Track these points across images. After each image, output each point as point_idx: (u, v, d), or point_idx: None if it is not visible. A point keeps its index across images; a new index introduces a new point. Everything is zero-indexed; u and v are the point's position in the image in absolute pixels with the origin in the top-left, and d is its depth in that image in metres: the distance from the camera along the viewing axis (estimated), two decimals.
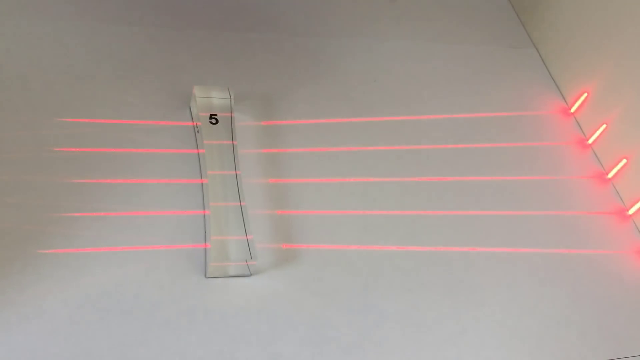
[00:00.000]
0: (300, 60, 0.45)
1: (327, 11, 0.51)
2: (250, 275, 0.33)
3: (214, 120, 0.37)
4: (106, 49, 0.38)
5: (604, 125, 0.46)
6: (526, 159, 0.45)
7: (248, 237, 0.33)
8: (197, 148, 0.38)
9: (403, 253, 0.37)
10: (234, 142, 0.36)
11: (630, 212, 0.43)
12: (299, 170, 0.39)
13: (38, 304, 0.30)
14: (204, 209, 0.35)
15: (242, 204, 0.34)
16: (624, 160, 0.44)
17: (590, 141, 0.47)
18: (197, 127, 0.38)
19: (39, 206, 0.33)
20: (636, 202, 0.43)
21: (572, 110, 0.49)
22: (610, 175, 0.45)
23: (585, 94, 0.48)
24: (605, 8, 0.46)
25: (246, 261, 0.32)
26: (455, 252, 0.38)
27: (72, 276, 0.31)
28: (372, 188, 0.40)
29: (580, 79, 0.49)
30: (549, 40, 0.53)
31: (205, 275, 0.32)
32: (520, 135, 0.47)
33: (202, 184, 0.36)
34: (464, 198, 0.41)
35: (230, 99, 0.38)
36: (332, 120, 0.43)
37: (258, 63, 0.42)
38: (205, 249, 0.33)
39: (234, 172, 0.35)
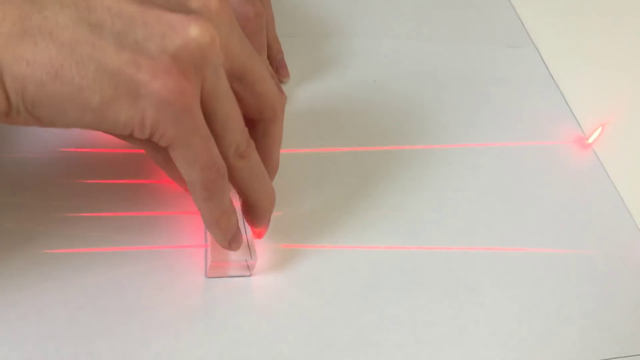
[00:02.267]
0: (299, 60, 0.45)
1: (326, 11, 0.51)
2: (251, 275, 0.33)
3: None
4: None
5: (600, 128, 0.46)
6: (525, 158, 0.45)
7: (248, 236, 0.33)
8: None
9: (403, 253, 0.37)
10: None
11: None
12: (299, 170, 0.39)
13: (38, 304, 0.30)
14: None
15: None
16: (623, 162, 0.44)
17: (590, 140, 0.47)
18: None
19: (39, 206, 0.33)
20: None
21: (572, 109, 0.49)
22: (610, 175, 0.45)
23: (585, 95, 0.48)
24: (605, 7, 0.46)
25: (246, 261, 0.32)
26: (455, 251, 0.38)
27: (73, 276, 0.31)
28: (372, 188, 0.40)
29: (579, 78, 0.49)
30: (549, 40, 0.53)
31: (206, 275, 0.32)
32: (520, 135, 0.47)
33: None
34: (463, 198, 0.41)
35: None
36: (332, 121, 0.43)
37: None
38: (205, 250, 0.33)
39: None
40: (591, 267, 0.39)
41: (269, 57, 0.42)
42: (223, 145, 0.23)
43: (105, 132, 0.23)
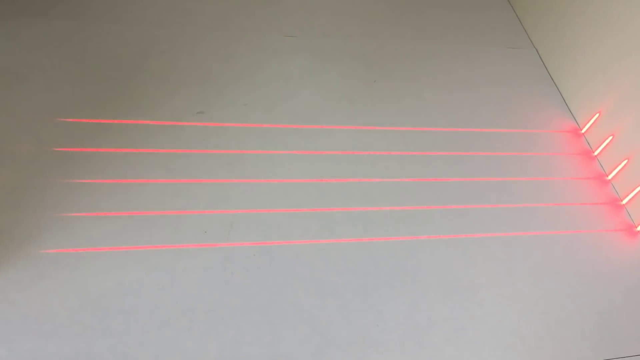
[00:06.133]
0: (299, 60, 0.45)
1: (326, 11, 0.51)
2: None
3: None
4: (107, 49, 0.38)
5: (597, 114, 0.47)
6: (526, 161, 0.45)
7: None
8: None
9: (403, 252, 0.37)
10: None
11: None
12: (299, 170, 0.39)
13: (38, 304, 0.30)
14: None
15: None
16: (625, 161, 0.44)
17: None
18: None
19: (39, 206, 0.33)
20: None
21: (569, 105, 0.50)
22: (609, 176, 0.45)
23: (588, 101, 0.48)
24: (605, 8, 0.46)
25: None
26: (455, 251, 0.38)
27: (72, 276, 0.31)
28: (372, 186, 0.40)
29: (579, 77, 0.49)
30: (548, 41, 0.53)
31: None
32: (519, 135, 0.47)
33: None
34: (463, 198, 0.41)
35: None
36: (332, 120, 0.43)
37: (259, 63, 0.42)
38: None
39: None
40: (592, 268, 0.39)
41: None
42: None
43: None
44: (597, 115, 0.46)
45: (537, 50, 0.54)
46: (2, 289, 0.30)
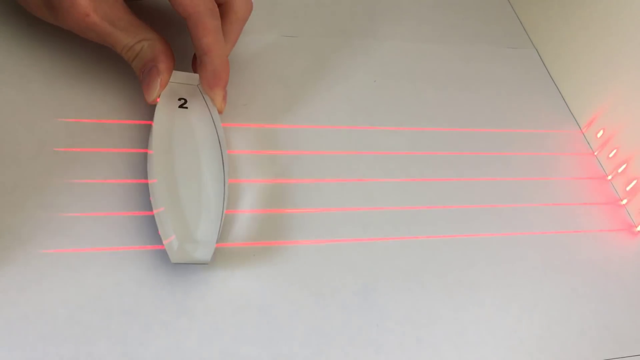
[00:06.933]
0: (300, 60, 0.45)
1: (326, 11, 0.51)
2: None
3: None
4: (106, 49, 0.38)
5: (597, 114, 0.47)
6: (526, 161, 0.45)
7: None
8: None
9: (403, 252, 0.37)
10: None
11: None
12: (299, 170, 0.39)
13: (38, 304, 0.30)
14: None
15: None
16: (624, 165, 0.44)
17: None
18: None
19: (39, 206, 0.33)
20: None
21: (570, 107, 0.50)
22: (610, 177, 0.45)
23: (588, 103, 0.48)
24: (605, 8, 0.46)
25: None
26: (455, 251, 0.38)
27: (72, 276, 0.31)
28: (373, 187, 0.40)
29: (579, 78, 0.49)
30: (548, 41, 0.53)
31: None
32: (519, 135, 0.47)
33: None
34: (463, 198, 0.41)
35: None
36: (332, 121, 0.43)
37: (258, 63, 0.42)
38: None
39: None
40: (592, 267, 0.39)
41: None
42: None
43: None
44: (598, 115, 0.46)
45: (537, 50, 0.54)
46: (2, 289, 0.30)
